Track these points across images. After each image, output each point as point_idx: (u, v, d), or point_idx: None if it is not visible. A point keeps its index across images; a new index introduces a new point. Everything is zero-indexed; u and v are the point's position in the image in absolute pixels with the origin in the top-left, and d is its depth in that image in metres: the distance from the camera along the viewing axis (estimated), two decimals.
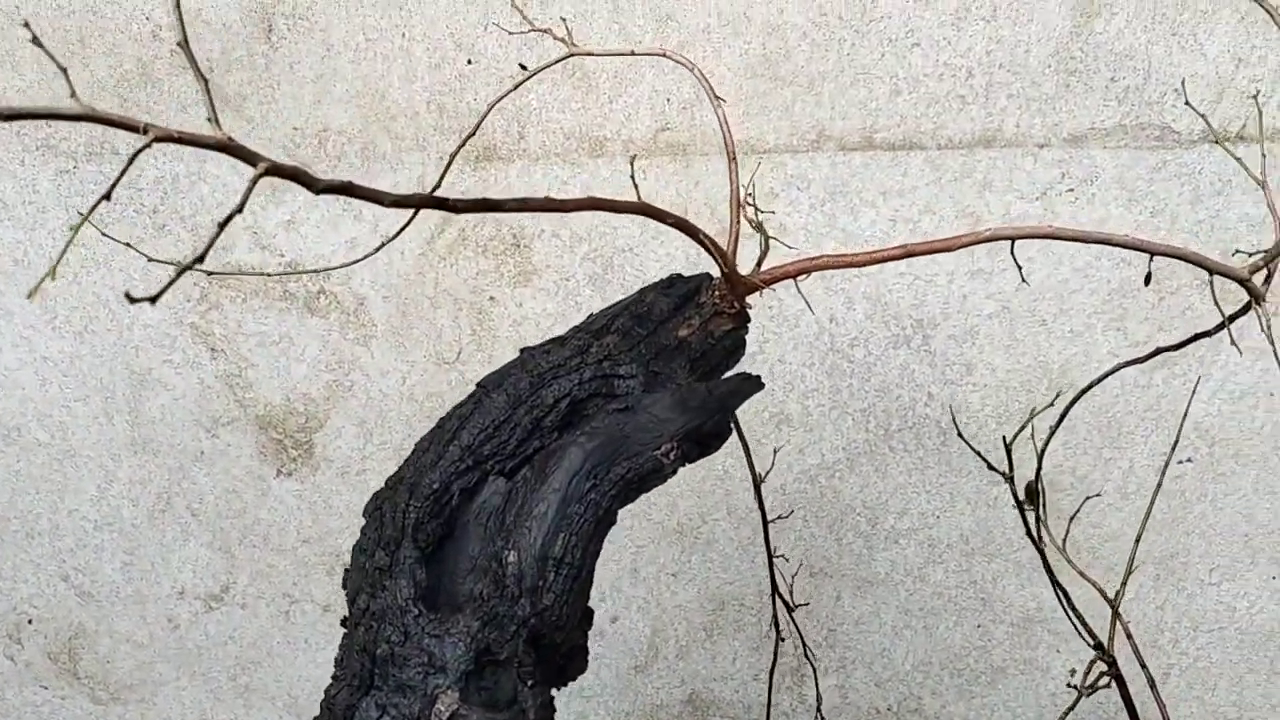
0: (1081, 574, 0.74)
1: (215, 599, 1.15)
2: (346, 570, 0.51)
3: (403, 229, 0.59)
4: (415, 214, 0.59)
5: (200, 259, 0.37)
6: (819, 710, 0.81)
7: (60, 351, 1.04)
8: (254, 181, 0.37)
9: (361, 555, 0.50)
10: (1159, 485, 0.69)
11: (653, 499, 1.12)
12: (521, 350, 0.56)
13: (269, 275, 0.81)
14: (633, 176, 0.57)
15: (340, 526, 1.11)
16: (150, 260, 0.68)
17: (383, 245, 0.73)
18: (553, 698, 0.51)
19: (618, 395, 0.53)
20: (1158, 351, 0.64)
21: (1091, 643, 0.57)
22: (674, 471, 0.52)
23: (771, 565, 0.71)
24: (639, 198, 0.50)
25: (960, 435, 0.81)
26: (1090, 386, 0.66)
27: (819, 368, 1.06)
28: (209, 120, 0.39)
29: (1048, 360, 1.05)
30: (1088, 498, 1.01)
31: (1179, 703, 1.21)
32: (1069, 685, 0.58)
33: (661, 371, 0.55)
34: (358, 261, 0.81)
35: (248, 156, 0.39)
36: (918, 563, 1.14)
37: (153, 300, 0.36)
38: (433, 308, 1.03)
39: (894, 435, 1.09)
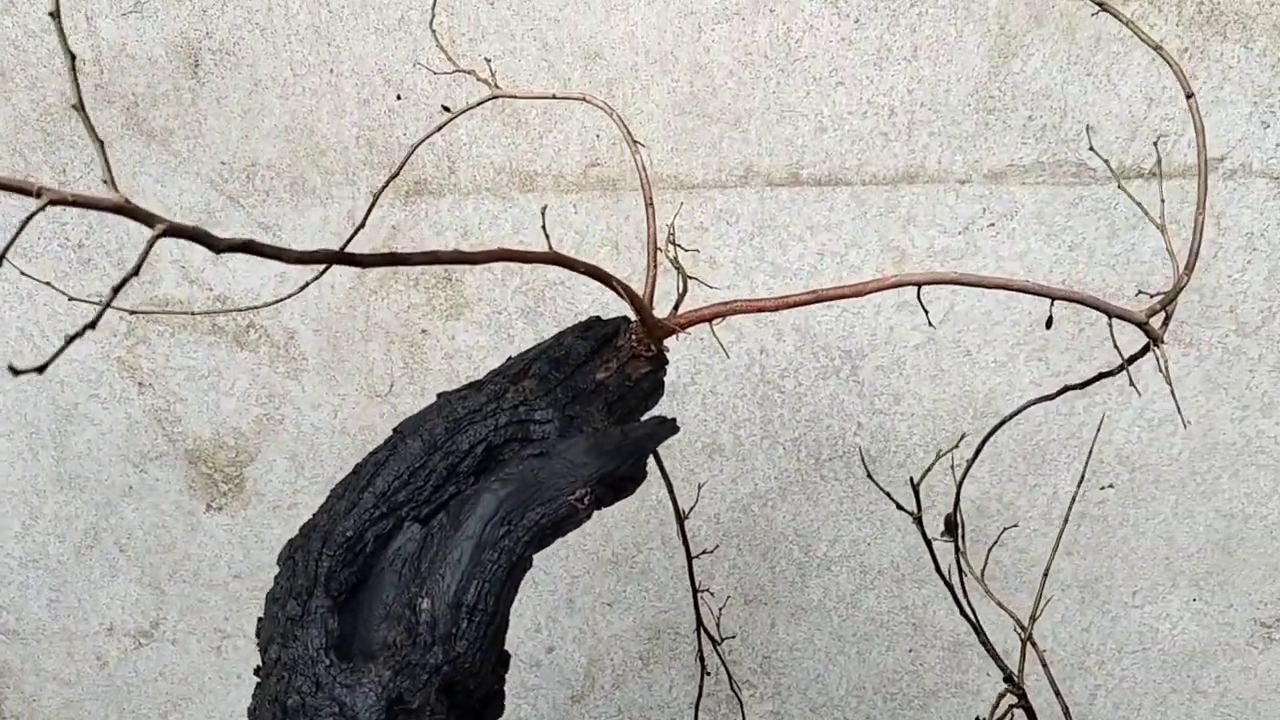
0: (999, 603, 0.75)
1: (145, 635, 1.13)
2: (259, 619, 0.51)
3: (319, 275, 0.59)
4: (327, 267, 0.60)
5: (93, 325, 0.37)
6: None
7: None
8: (150, 243, 0.37)
9: (274, 604, 0.50)
10: (1067, 516, 0.72)
11: (588, 530, 1.12)
12: (439, 395, 0.56)
13: (194, 313, 0.81)
14: (544, 227, 0.58)
15: (272, 561, 1.10)
16: (71, 299, 0.68)
17: (306, 286, 0.73)
18: None
19: (533, 440, 0.54)
20: (1065, 389, 0.67)
21: (1003, 674, 0.59)
22: (588, 516, 0.53)
23: (696, 600, 0.71)
24: (551, 247, 0.51)
25: (869, 476, 0.83)
26: (999, 426, 0.68)
27: (750, 398, 1.08)
28: (104, 182, 0.39)
29: (973, 390, 1.07)
30: (1005, 529, 1.03)
31: None
32: (978, 718, 0.59)
33: (578, 415, 0.56)
34: (283, 300, 0.81)
35: (145, 218, 0.39)
36: (850, 589, 1.16)
37: (40, 370, 0.36)
38: (364, 340, 1.03)
39: (825, 464, 1.11)
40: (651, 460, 0.66)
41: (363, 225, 0.72)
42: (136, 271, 0.38)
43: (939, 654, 1.19)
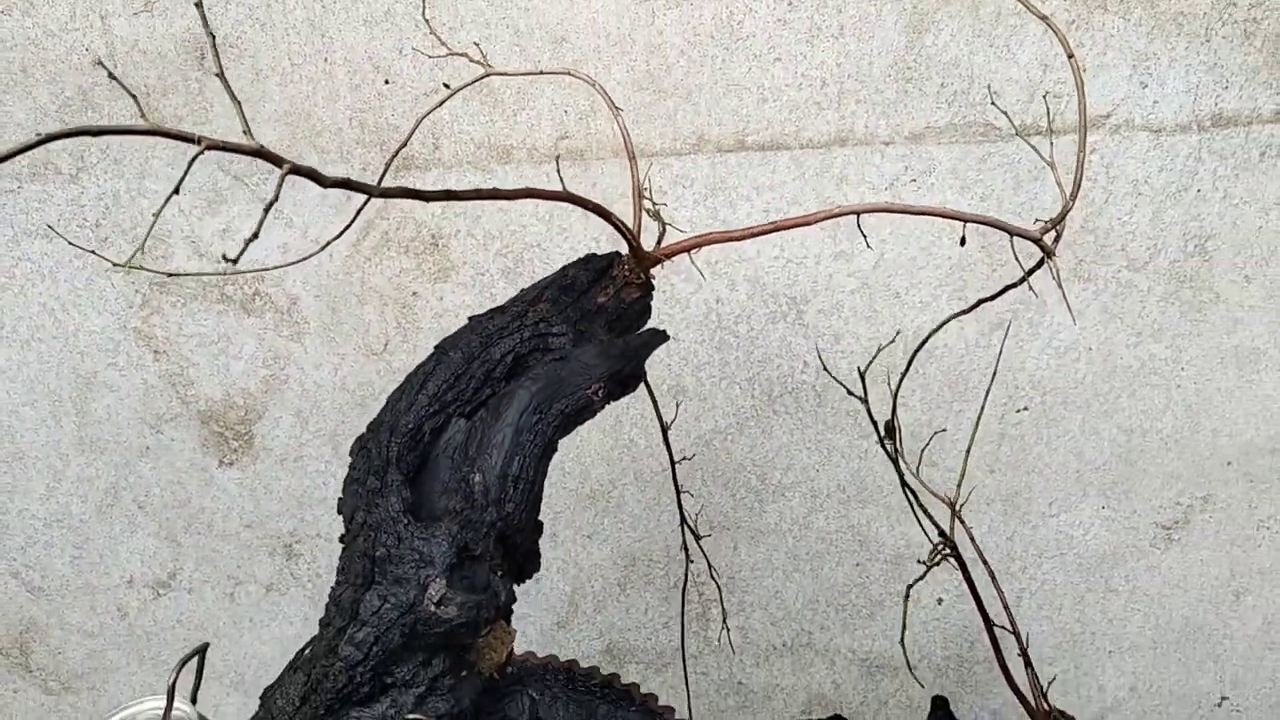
0: (926, 487, 0.89)
1: (163, 586, 1.23)
2: (340, 498, 0.62)
3: (336, 237, 0.70)
4: (356, 215, 0.71)
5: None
6: (724, 623, 0.94)
7: (7, 360, 1.11)
8: (281, 179, 0.49)
9: (354, 484, 0.61)
10: (974, 435, 0.85)
11: (567, 469, 1.25)
12: (470, 318, 0.68)
13: (218, 274, 0.91)
14: (559, 172, 0.70)
15: (280, 510, 1.21)
16: (114, 265, 0.78)
17: (327, 245, 0.84)
18: (514, 589, 0.63)
19: (552, 349, 0.66)
20: (980, 302, 0.80)
21: (937, 532, 0.72)
22: (602, 406, 0.65)
23: (679, 496, 0.84)
24: (565, 188, 0.63)
25: (829, 373, 0.95)
26: (929, 337, 0.81)
27: (709, 344, 1.21)
28: (244, 132, 0.51)
29: (903, 327, 1.21)
30: (937, 432, 1.17)
31: (1030, 622, 1.39)
32: (919, 562, 0.72)
33: (586, 330, 0.68)
34: (301, 261, 0.92)
35: (275, 160, 0.50)
36: (802, 512, 1.30)
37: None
38: (360, 304, 1.14)
39: (776, 400, 1.24)
40: (642, 386, 0.79)
41: (380, 180, 0.83)
42: (274, 202, 0.49)
43: (882, 567, 1.33)
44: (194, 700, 0.63)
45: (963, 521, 0.77)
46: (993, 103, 1.05)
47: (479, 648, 0.64)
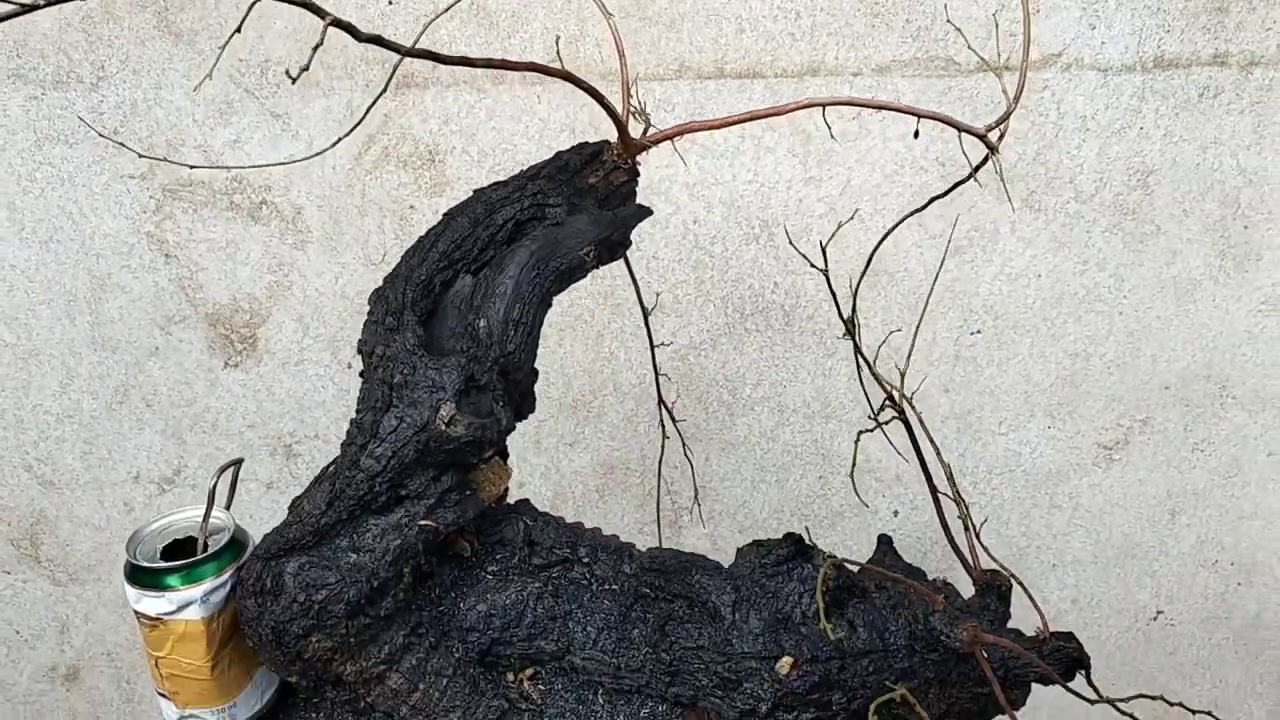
0: (874, 371, 0.98)
1: (168, 482, 1.30)
2: (360, 339, 0.70)
3: (334, 145, 0.78)
4: (365, 117, 0.78)
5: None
6: (695, 498, 1.03)
7: (26, 260, 1.18)
8: (324, 31, 0.57)
9: (373, 324, 0.69)
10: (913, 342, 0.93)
11: (551, 379, 1.33)
12: (475, 190, 0.76)
13: (244, 167, 0.98)
14: (558, 53, 0.78)
15: (281, 412, 1.28)
16: (141, 155, 0.85)
17: (335, 143, 0.92)
18: (514, 424, 0.71)
19: (549, 217, 0.74)
20: (931, 200, 0.89)
21: (884, 393, 0.81)
22: (594, 267, 0.73)
23: (658, 379, 0.92)
24: (563, 65, 0.71)
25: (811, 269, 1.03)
26: (885, 237, 0.90)
27: (685, 262, 1.29)
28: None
29: (866, 250, 1.30)
30: (892, 332, 1.25)
31: (981, 534, 1.49)
32: (868, 416, 0.81)
33: (578, 204, 0.76)
34: (309, 158, 0.99)
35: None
36: (770, 425, 1.39)
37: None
38: (360, 215, 1.21)
39: (748, 318, 1.33)
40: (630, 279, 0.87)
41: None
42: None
43: (843, 480, 1.43)
44: (228, 509, 0.71)
45: (910, 400, 0.85)
46: (955, 27, 1.13)
47: (479, 480, 0.73)
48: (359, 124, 0.78)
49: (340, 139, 0.86)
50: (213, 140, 1.16)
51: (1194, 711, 0.81)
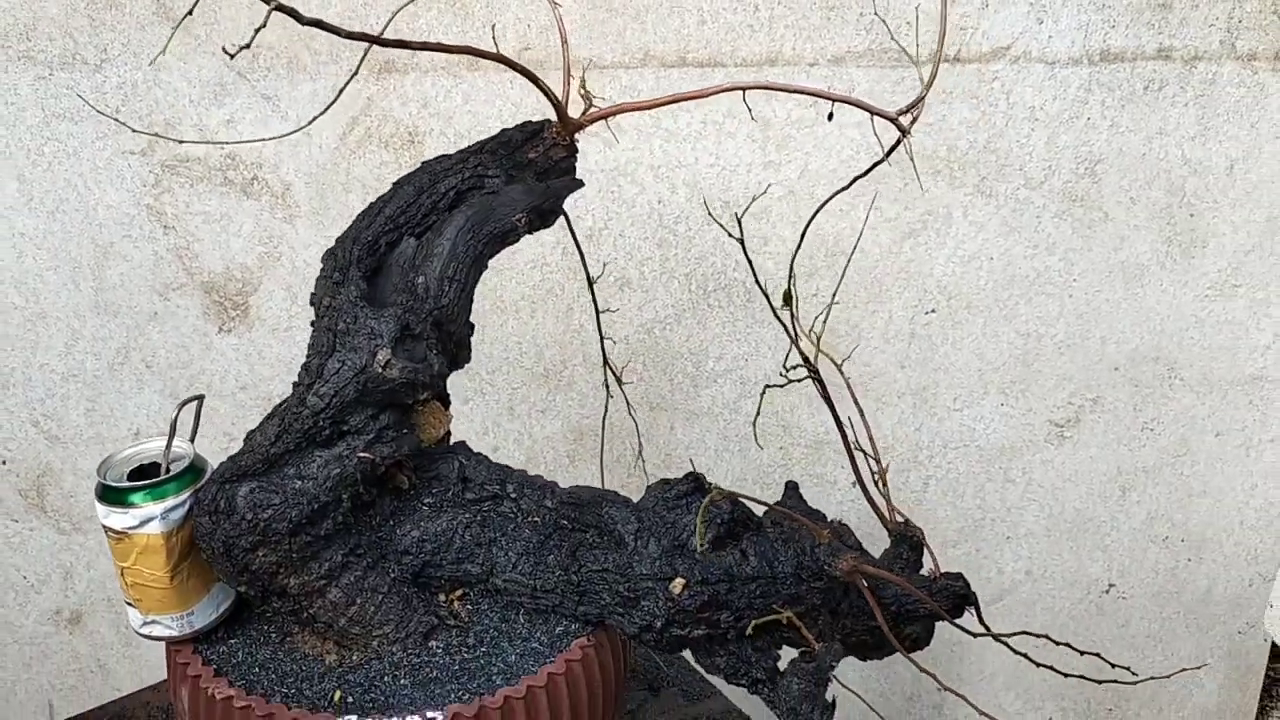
0: (818, 347, 1.05)
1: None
2: (312, 293, 0.78)
3: (313, 120, 0.86)
4: (338, 97, 0.86)
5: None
6: (639, 455, 1.11)
7: (34, 228, 1.27)
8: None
9: (323, 279, 0.77)
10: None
11: (524, 349, 1.41)
12: (422, 162, 0.84)
13: (234, 143, 1.07)
14: (494, 39, 0.86)
15: (271, 375, 1.37)
16: (136, 132, 0.94)
17: (311, 121, 0.99)
18: (448, 370, 0.80)
19: (486, 187, 0.82)
20: (855, 179, 0.95)
21: (801, 358, 0.88)
22: (526, 232, 0.81)
23: (603, 342, 1.00)
24: (500, 51, 0.79)
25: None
26: (823, 205, 0.96)
27: (651, 240, 1.37)
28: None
29: (824, 232, 1.37)
30: (833, 303, 1.31)
31: (936, 507, 1.56)
32: (780, 372, 0.88)
33: (516, 176, 0.84)
34: (293, 133, 1.08)
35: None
36: (732, 397, 1.46)
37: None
38: (345, 192, 1.30)
39: (711, 294, 1.41)
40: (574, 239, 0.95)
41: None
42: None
43: (803, 450, 1.50)
44: (192, 441, 0.80)
45: (833, 359, 0.93)
46: (892, 37, 1.20)
47: (420, 422, 0.81)
48: (333, 103, 0.86)
49: (316, 116, 0.94)
50: (208, 120, 1.24)
51: (1081, 652, 0.87)
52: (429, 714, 0.71)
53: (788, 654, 0.81)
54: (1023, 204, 1.38)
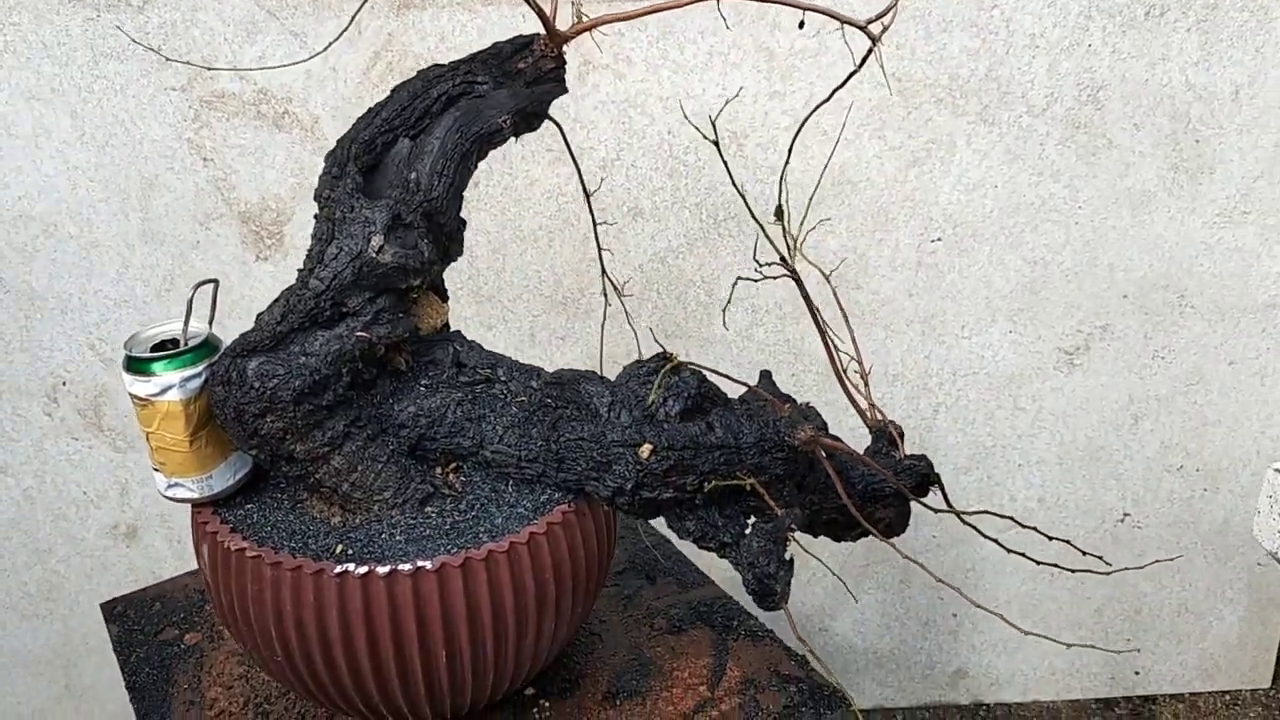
0: (809, 260, 1.10)
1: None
2: (315, 189, 0.86)
3: (328, 46, 0.93)
4: (351, 22, 0.93)
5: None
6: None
7: (87, 161, 1.36)
8: None
9: (325, 175, 0.85)
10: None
11: (544, 277, 1.48)
12: (418, 70, 0.91)
13: (262, 69, 1.15)
14: None
15: None
16: (168, 60, 1.02)
17: (325, 48, 1.06)
18: (440, 263, 0.86)
19: (476, 93, 0.88)
20: (832, 93, 1.00)
21: (779, 256, 0.94)
22: (510, 134, 0.87)
23: (601, 255, 1.06)
24: None
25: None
26: (795, 135, 1.01)
27: (662, 170, 1.42)
28: None
29: (831, 162, 1.42)
30: (822, 220, 1.36)
31: (946, 434, 1.60)
32: (754, 268, 0.94)
33: (505, 84, 0.90)
34: (308, 60, 1.15)
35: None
36: (745, 325, 1.52)
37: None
38: None
39: (721, 224, 1.46)
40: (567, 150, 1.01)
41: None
42: None
43: (814, 378, 1.55)
44: (210, 325, 0.88)
45: (805, 255, 0.98)
46: None
47: (418, 313, 0.88)
48: (346, 28, 0.93)
49: (331, 42, 1.01)
50: (240, 56, 1.33)
51: (1050, 538, 0.91)
52: (419, 563, 0.78)
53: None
54: (1026, 131, 1.41)
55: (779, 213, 1.09)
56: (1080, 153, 1.42)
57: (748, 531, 0.83)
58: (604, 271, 1.08)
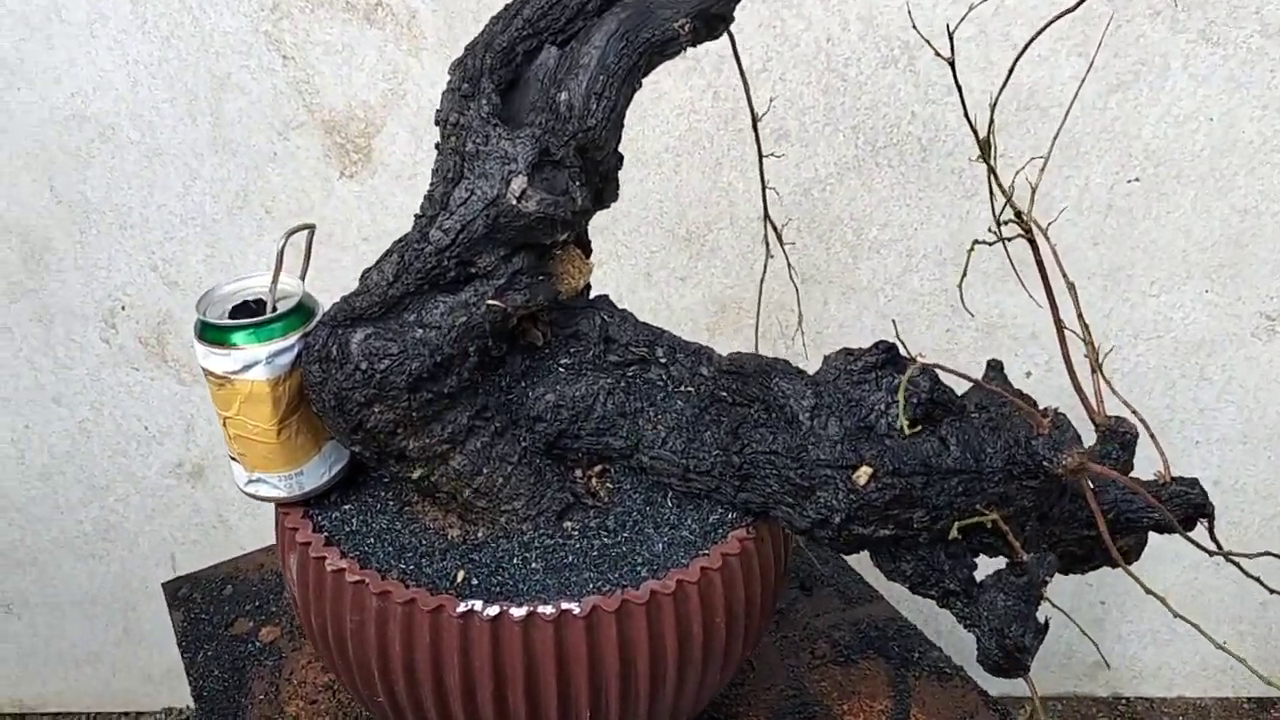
0: (999, 182, 0.90)
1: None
2: (437, 109, 0.66)
3: None
4: None
5: None
6: (799, 326, 0.97)
7: (149, 55, 1.18)
8: None
9: (451, 92, 0.65)
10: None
11: (665, 209, 1.27)
12: None
13: None
14: None
15: (395, 227, 1.27)
16: None
17: None
18: (592, 207, 0.67)
19: None
20: (1056, 17, 0.77)
21: (1014, 211, 0.73)
22: (688, 43, 0.67)
23: (764, 193, 0.86)
24: None
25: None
26: (1026, 46, 0.79)
27: (815, 86, 1.20)
28: None
29: (1018, 81, 1.19)
30: (1030, 160, 1.15)
31: (1118, 404, 1.39)
32: (989, 230, 0.73)
33: None
34: None
35: None
36: (896, 271, 1.31)
37: None
38: (476, 22, 1.16)
39: (880, 151, 1.24)
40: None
41: None
42: None
43: (973, 335, 1.34)
44: (302, 278, 0.70)
45: (1034, 222, 0.77)
46: None
47: (558, 270, 0.69)
48: None
49: None
50: None
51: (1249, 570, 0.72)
52: (564, 605, 0.61)
53: (985, 565, 0.68)
54: (1255, 55, 1.17)
55: (983, 147, 0.88)
56: None
57: (981, 579, 0.65)
58: (766, 216, 0.88)
